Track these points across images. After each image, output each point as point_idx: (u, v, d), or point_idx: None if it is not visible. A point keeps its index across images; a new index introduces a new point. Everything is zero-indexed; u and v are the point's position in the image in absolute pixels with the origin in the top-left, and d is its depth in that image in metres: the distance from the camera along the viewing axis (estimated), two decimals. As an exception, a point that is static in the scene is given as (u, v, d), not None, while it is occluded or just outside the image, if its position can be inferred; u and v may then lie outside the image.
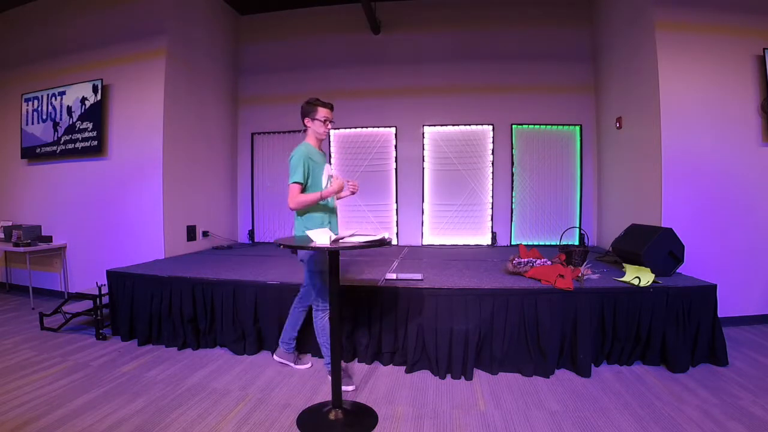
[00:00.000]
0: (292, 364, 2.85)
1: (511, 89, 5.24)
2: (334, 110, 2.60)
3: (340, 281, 2.26)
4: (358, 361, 2.93)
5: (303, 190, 2.44)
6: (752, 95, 3.61)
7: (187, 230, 4.75)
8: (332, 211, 2.62)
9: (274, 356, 2.92)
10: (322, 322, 2.49)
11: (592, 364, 2.74)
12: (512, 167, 5.23)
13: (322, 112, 2.52)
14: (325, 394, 2.42)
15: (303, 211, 2.51)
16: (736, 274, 3.57)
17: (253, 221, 5.81)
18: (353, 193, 2.58)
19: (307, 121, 2.56)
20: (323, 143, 2.72)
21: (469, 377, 2.67)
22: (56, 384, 2.58)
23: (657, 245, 3.12)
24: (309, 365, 2.86)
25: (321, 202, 2.50)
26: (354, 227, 5.19)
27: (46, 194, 4.85)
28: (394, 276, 3.15)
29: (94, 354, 3.08)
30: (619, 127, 4.48)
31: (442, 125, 5.34)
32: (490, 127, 5.27)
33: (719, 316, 2.82)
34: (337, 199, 2.68)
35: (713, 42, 3.62)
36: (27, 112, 4.90)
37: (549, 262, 3.15)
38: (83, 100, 4.56)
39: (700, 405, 2.27)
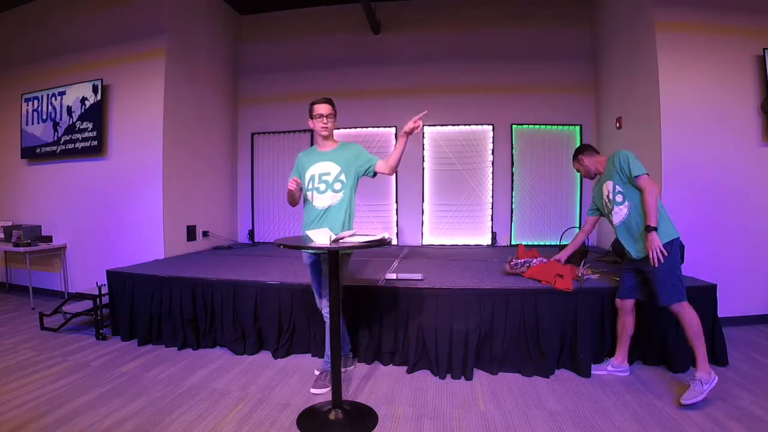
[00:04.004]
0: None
1: (511, 89, 5.24)
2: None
3: (340, 281, 2.26)
4: (358, 361, 2.93)
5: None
6: (752, 95, 3.61)
7: (187, 230, 4.75)
8: (319, 213, 2.47)
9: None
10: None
11: (592, 364, 2.74)
12: (512, 167, 5.23)
13: (313, 110, 2.49)
14: (324, 394, 2.42)
15: None
16: (736, 274, 3.57)
17: (253, 221, 5.81)
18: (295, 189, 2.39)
19: (309, 122, 2.55)
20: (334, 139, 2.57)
21: (469, 377, 2.67)
22: (56, 384, 2.58)
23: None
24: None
25: (308, 204, 2.53)
26: (354, 227, 5.18)
27: (46, 194, 4.85)
28: (394, 276, 3.15)
29: (94, 354, 3.08)
30: (619, 127, 4.48)
31: (442, 125, 5.34)
32: (490, 127, 5.27)
33: (719, 316, 2.83)
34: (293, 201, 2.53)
35: (713, 42, 3.62)
36: (27, 112, 4.90)
37: (546, 260, 3.14)
38: (83, 100, 4.56)
39: (699, 404, 2.26)
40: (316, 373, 2.67)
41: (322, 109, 2.47)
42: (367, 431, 2.09)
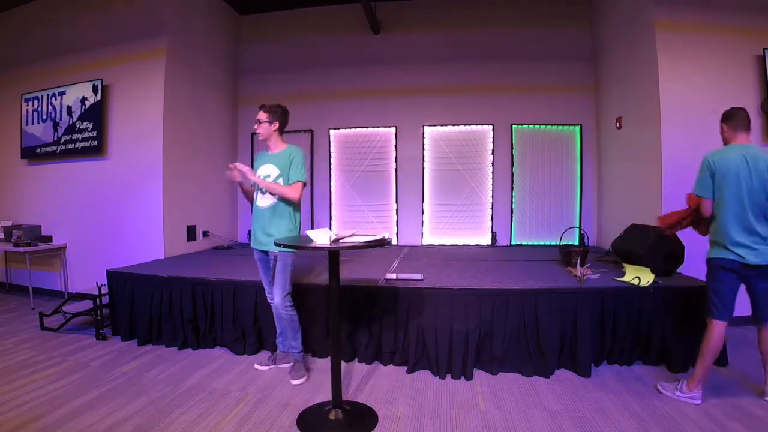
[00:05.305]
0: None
1: (511, 89, 5.24)
2: (334, 110, 2.64)
3: (340, 281, 2.26)
4: (358, 361, 2.93)
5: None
6: (752, 95, 3.61)
7: (187, 230, 4.75)
8: (260, 213, 2.66)
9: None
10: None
11: (592, 364, 2.74)
12: (512, 167, 5.22)
13: None
14: (325, 394, 2.41)
15: None
16: (736, 274, 3.56)
17: (253, 221, 5.80)
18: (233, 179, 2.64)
19: None
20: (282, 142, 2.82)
21: (469, 377, 2.67)
22: (56, 384, 2.58)
23: (657, 245, 3.11)
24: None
25: (254, 203, 2.71)
26: (354, 227, 5.19)
27: (46, 194, 4.85)
28: (394, 276, 3.15)
29: (94, 354, 3.08)
30: (619, 127, 4.48)
31: (442, 125, 5.34)
32: (490, 127, 5.27)
33: (719, 316, 2.82)
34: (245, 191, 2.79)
35: (713, 42, 3.62)
36: (27, 112, 4.90)
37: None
38: (83, 100, 4.56)
39: (700, 405, 2.26)
40: (257, 367, 2.81)
41: (258, 115, 2.65)
42: (367, 431, 2.10)
